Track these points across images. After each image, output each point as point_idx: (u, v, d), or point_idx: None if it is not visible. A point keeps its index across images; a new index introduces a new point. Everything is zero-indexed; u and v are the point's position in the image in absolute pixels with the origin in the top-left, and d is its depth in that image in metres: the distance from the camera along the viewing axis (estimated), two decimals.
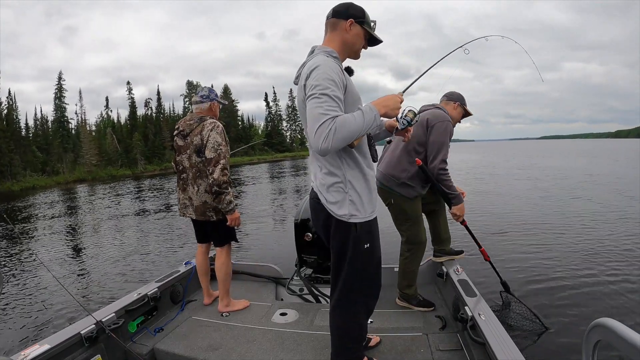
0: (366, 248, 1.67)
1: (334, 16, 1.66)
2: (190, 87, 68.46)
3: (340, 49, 1.66)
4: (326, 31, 1.70)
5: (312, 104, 1.43)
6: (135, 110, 57.81)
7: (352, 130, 1.41)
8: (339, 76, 1.50)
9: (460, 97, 2.84)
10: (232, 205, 2.58)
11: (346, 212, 1.61)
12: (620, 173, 16.48)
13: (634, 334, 0.91)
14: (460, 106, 2.83)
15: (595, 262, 4.61)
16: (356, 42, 1.67)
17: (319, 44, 1.69)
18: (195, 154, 2.59)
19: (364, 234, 1.65)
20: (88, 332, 2.08)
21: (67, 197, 21.65)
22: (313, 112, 1.42)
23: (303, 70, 1.59)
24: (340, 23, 1.64)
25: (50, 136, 49.25)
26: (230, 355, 2.19)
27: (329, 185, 1.63)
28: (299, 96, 1.64)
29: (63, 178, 40.16)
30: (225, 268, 2.73)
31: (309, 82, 1.49)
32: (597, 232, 6.10)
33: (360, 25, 1.65)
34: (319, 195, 1.67)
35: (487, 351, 1.82)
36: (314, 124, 1.40)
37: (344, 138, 1.40)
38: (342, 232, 1.64)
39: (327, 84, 1.44)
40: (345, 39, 1.66)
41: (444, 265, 2.88)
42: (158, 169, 48.46)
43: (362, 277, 1.72)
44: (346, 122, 1.40)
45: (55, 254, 7.31)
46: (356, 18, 1.64)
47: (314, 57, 1.58)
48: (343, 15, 1.64)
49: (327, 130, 1.37)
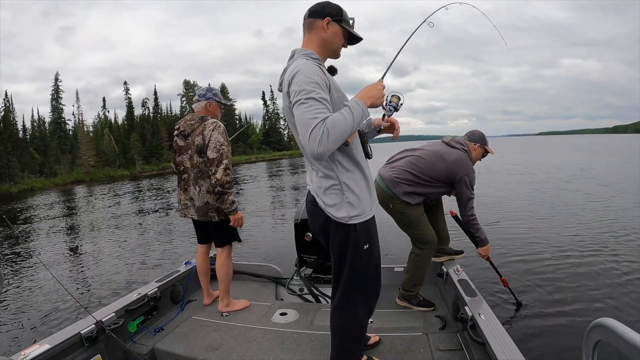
0: (366, 249, 1.67)
1: (310, 16, 1.63)
2: (187, 87, 68.23)
3: (319, 49, 1.63)
4: (304, 32, 1.67)
5: (300, 110, 1.41)
6: (133, 111, 57.67)
7: (344, 129, 1.39)
8: (321, 77, 1.48)
9: (481, 138, 2.87)
10: (234, 205, 2.58)
11: (345, 214, 1.60)
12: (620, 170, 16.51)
13: (634, 334, 0.91)
14: (481, 147, 2.86)
15: (595, 262, 4.61)
16: (334, 40, 1.64)
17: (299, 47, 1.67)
18: (197, 154, 2.58)
19: (363, 234, 1.64)
20: (88, 332, 2.09)
21: (65, 198, 21.59)
22: (302, 118, 1.40)
23: (285, 77, 1.56)
24: (317, 22, 1.61)
25: (47, 137, 48.97)
26: (230, 355, 2.20)
27: (326, 188, 1.62)
28: (284, 103, 1.61)
29: (61, 179, 39.99)
30: (226, 268, 2.73)
31: (292, 89, 1.47)
32: (596, 232, 6.08)
33: (338, 24, 1.62)
34: (317, 199, 1.65)
35: (487, 351, 1.82)
36: (305, 130, 1.38)
37: (338, 138, 1.39)
38: (341, 234, 1.63)
39: (311, 87, 1.42)
40: (324, 38, 1.62)
41: (444, 265, 2.88)
42: (156, 169, 48.36)
43: (362, 278, 1.71)
44: (336, 121, 1.38)
45: (55, 254, 7.31)
46: (333, 16, 1.61)
47: (294, 62, 1.56)
48: (319, 14, 1.61)
49: (320, 133, 1.35)
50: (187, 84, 68.79)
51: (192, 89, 67.54)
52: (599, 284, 3.94)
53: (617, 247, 5.18)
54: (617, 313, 3.31)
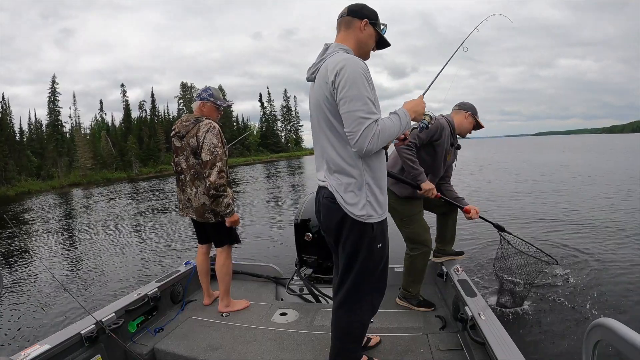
0: (379, 247, 1.70)
1: (348, 14, 1.69)
2: (184, 89, 68.08)
3: (354, 47, 1.68)
4: (339, 29, 1.72)
5: (353, 106, 1.47)
6: (130, 113, 57.56)
7: (391, 133, 1.53)
8: (369, 75, 1.54)
9: (472, 107, 2.81)
10: (230, 208, 2.55)
11: (364, 212, 1.62)
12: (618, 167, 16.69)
13: (634, 334, 0.91)
14: (472, 116, 2.79)
15: (594, 262, 4.60)
16: (369, 42, 1.71)
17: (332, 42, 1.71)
18: (192, 156, 2.57)
19: (378, 233, 1.68)
20: (88, 332, 2.08)
21: (63, 200, 21.57)
22: (355, 114, 1.47)
23: (328, 67, 1.57)
24: (355, 22, 1.68)
25: (44, 140, 48.81)
26: (230, 355, 2.19)
27: (347, 185, 1.63)
28: (319, 93, 1.62)
29: (58, 182, 39.80)
30: (226, 268, 2.72)
31: (339, 81, 1.50)
32: (596, 231, 6.07)
33: (373, 27, 1.70)
34: (336, 195, 1.65)
35: (487, 351, 1.82)
36: (358, 126, 1.46)
37: (385, 140, 1.51)
38: (357, 233, 1.65)
39: (364, 85, 1.49)
40: (360, 38, 1.69)
41: (444, 265, 2.89)
42: (153, 172, 48.22)
43: (371, 276, 1.74)
44: (388, 126, 1.51)
45: (55, 255, 7.33)
46: (370, 19, 1.68)
47: (336, 54, 1.59)
48: (358, 14, 1.68)
49: (373, 132, 1.46)
50: (184, 86, 68.62)
51: (189, 91, 67.44)
52: (599, 283, 3.93)
53: (618, 247, 5.18)
54: (617, 313, 3.30)
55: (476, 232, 5.85)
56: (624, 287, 3.84)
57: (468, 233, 5.87)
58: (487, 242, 5.40)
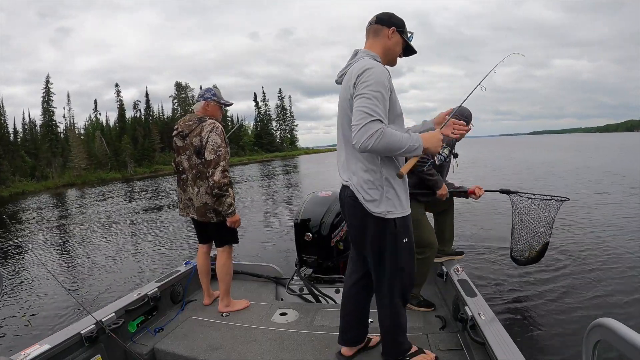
0: (405, 242, 1.75)
1: (377, 22, 1.77)
2: (179, 89, 67.87)
3: (382, 54, 1.76)
4: (367, 36, 1.81)
5: (362, 102, 1.53)
6: (124, 113, 57.33)
7: (392, 145, 1.52)
8: (389, 81, 1.61)
9: (469, 116, 2.84)
10: (232, 208, 2.56)
11: (383, 209, 1.67)
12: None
13: (634, 334, 0.91)
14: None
15: (594, 262, 4.60)
16: (396, 49, 1.79)
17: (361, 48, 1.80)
18: (194, 155, 2.56)
19: (402, 228, 1.72)
20: (88, 332, 2.08)
21: (58, 201, 21.44)
22: (363, 109, 1.51)
23: (353, 71, 1.64)
24: (384, 30, 1.76)
25: (38, 140, 48.47)
26: (230, 355, 2.19)
27: (367, 182, 1.68)
28: (342, 95, 1.72)
29: (52, 183, 39.59)
30: (226, 268, 2.72)
31: (361, 80, 1.57)
32: (595, 231, 6.04)
33: (400, 35, 1.78)
34: (357, 194, 1.71)
35: (487, 351, 1.83)
36: (361, 120, 1.50)
37: (386, 146, 1.50)
38: (380, 229, 1.70)
39: (379, 88, 1.55)
40: (387, 45, 1.77)
41: (444, 265, 2.89)
42: (148, 172, 48.09)
43: (403, 271, 1.80)
44: (393, 134, 1.52)
45: (55, 254, 7.30)
46: (398, 27, 1.76)
47: (363, 59, 1.68)
48: (386, 22, 1.76)
49: (374, 131, 1.48)
50: (178, 85, 68.42)
51: (183, 91, 67.21)
52: (599, 283, 3.94)
53: (617, 246, 5.16)
54: (617, 313, 3.30)
55: (476, 232, 5.88)
56: (624, 287, 3.84)
57: (468, 233, 5.89)
58: (487, 242, 5.42)
